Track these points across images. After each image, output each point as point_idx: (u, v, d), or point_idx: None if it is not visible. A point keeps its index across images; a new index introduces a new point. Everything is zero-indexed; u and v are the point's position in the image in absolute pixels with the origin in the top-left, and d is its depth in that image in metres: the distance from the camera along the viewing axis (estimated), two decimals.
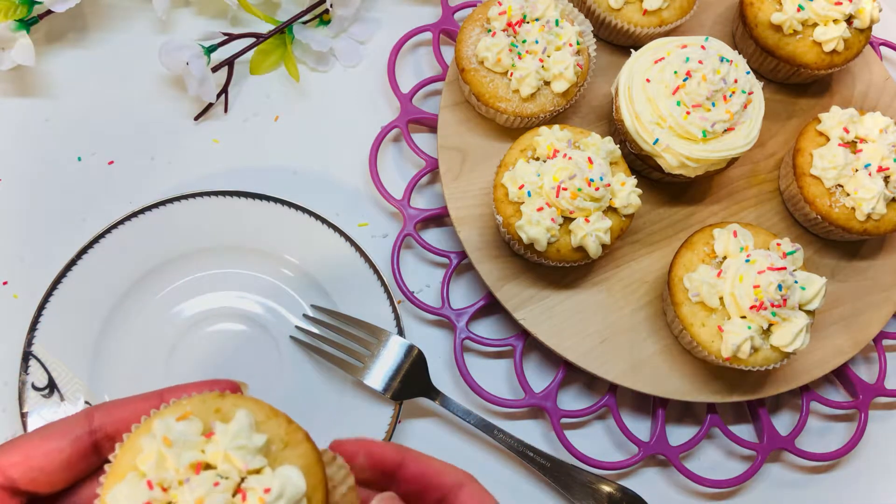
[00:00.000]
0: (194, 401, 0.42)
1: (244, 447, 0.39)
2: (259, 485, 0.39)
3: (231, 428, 0.40)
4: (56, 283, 0.71)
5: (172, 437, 0.39)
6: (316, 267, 0.75)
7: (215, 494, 0.38)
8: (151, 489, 0.38)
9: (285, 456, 0.41)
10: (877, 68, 0.89)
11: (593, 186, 0.68)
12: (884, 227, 0.76)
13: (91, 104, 0.83)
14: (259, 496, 0.38)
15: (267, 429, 0.41)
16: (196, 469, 0.39)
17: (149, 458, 0.39)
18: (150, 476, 0.39)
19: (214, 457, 0.39)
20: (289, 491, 0.39)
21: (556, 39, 0.76)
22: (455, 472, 0.44)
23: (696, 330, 0.70)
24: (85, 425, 0.42)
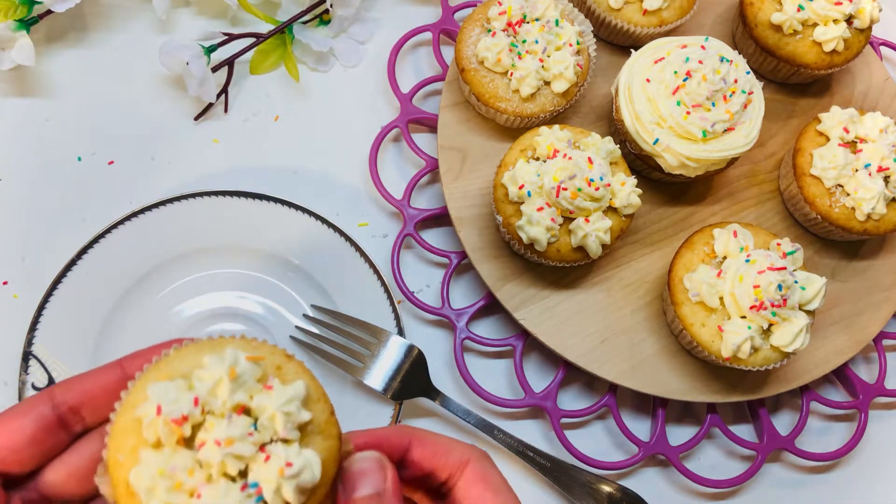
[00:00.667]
0: (264, 349, 0.43)
1: (291, 415, 0.40)
2: (284, 455, 0.39)
3: (288, 392, 0.40)
4: (56, 283, 0.71)
5: (238, 371, 0.40)
6: (316, 267, 0.75)
7: (245, 443, 0.39)
8: (196, 405, 0.39)
9: (315, 442, 0.41)
10: (877, 68, 0.89)
11: (593, 186, 0.68)
12: (884, 227, 0.76)
13: (91, 104, 0.83)
14: (280, 466, 0.39)
15: (313, 409, 0.41)
16: (238, 410, 0.40)
17: (207, 378, 0.40)
18: (199, 394, 0.39)
19: (260, 409, 0.40)
20: (305, 475, 0.39)
21: (556, 39, 0.76)
22: (461, 449, 0.43)
23: (696, 330, 0.70)
24: (47, 402, 0.42)
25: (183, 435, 0.40)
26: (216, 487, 0.39)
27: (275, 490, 0.39)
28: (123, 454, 0.40)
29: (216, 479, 0.40)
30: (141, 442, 0.40)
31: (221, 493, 0.39)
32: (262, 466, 0.39)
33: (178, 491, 0.39)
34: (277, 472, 0.39)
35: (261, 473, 0.39)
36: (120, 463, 0.40)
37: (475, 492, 0.42)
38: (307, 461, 0.40)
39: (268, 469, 0.39)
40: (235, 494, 0.39)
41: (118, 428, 0.41)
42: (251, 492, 0.39)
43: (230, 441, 0.39)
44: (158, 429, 0.40)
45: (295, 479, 0.39)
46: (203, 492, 0.39)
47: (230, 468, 0.40)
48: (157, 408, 0.39)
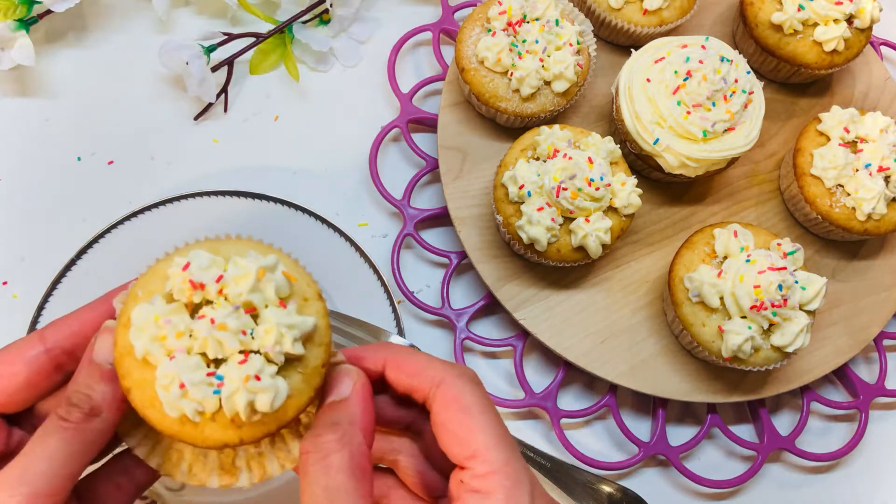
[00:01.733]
0: (305, 279, 0.45)
1: (283, 338, 0.41)
2: (258, 368, 0.41)
3: (295, 319, 0.42)
4: (56, 283, 0.71)
5: (266, 276, 0.43)
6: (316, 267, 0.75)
7: (234, 337, 0.41)
8: (217, 282, 0.42)
9: (293, 377, 0.43)
10: (877, 68, 0.89)
11: (593, 186, 0.68)
12: (884, 227, 0.76)
13: (91, 104, 0.83)
14: (248, 374, 0.41)
15: (310, 351, 0.43)
16: (248, 309, 0.42)
17: (240, 266, 0.42)
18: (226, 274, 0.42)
19: (265, 319, 0.42)
20: (264, 397, 0.41)
21: (557, 39, 0.76)
22: (435, 369, 0.43)
23: (696, 330, 0.70)
24: (38, 346, 0.43)
25: (193, 301, 0.42)
26: (189, 359, 0.41)
27: (231, 393, 0.41)
28: (142, 291, 0.43)
29: (193, 353, 0.42)
30: (161, 289, 0.43)
31: (190, 367, 0.41)
32: (235, 367, 0.41)
33: (159, 343, 0.41)
34: (242, 378, 0.41)
35: (230, 371, 0.41)
36: (136, 297, 0.43)
37: (447, 414, 0.41)
38: (274, 387, 0.41)
39: (237, 371, 0.41)
40: (200, 375, 0.41)
41: (153, 270, 0.44)
42: (213, 381, 0.41)
43: (222, 326, 0.41)
44: (176, 283, 0.42)
45: (253, 394, 0.41)
46: (177, 356, 0.41)
47: (209, 350, 0.41)
48: (185, 265, 0.42)
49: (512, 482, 0.40)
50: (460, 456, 0.41)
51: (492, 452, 0.40)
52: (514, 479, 0.40)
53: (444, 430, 0.42)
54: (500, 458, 0.40)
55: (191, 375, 0.41)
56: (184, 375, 0.41)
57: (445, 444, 0.42)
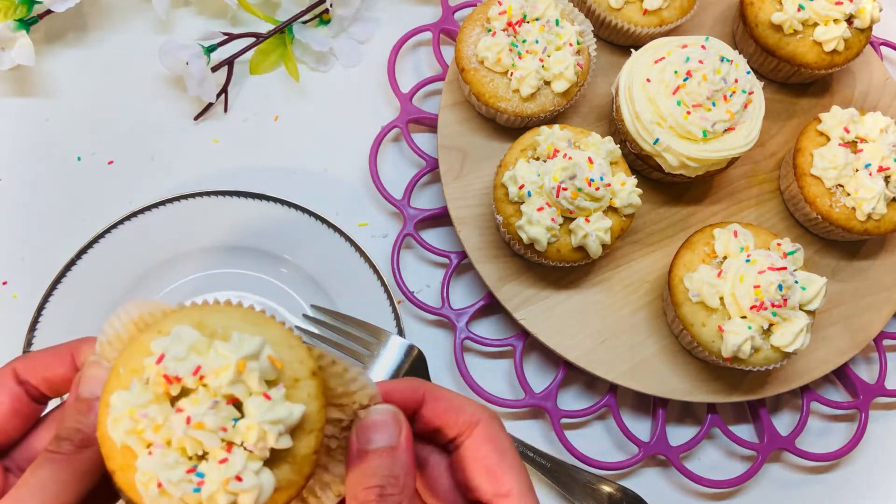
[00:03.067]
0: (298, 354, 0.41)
1: (266, 435, 0.38)
2: (240, 467, 0.38)
3: (279, 412, 0.39)
4: (56, 283, 0.71)
5: (248, 367, 0.39)
6: (316, 267, 0.75)
7: (213, 435, 0.38)
8: (195, 374, 0.38)
9: (282, 469, 0.40)
10: (877, 68, 0.89)
11: (593, 186, 0.68)
12: (884, 227, 0.76)
13: (91, 104, 0.83)
14: (228, 476, 0.38)
15: (301, 440, 0.40)
16: (230, 400, 0.39)
17: (221, 355, 0.39)
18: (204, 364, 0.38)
19: (247, 412, 0.39)
20: (247, 497, 0.38)
21: (557, 39, 0.76)
22: (472, 409, 0.43)
23: (696, 330, 0.70)
24: (11, 377, 0.43)
25: (167, 391, 0.39)
26: (167, 455, 0.38)
27: (211, 494, 0.38)
28: (124, 369, 0.40)
29: (173, 448, 0.39)
30: (141, 369, 0.40)
31: (167, 464, 0.38)
32: (215, 466, 0.38)
33: (137, 437, 0.39)
34: (222, 481, 0.38)
35: (210, 470, 0.38)
36: (118, 374, 0.40)
37: (483, 451, 0.42)
38: (258, 486, 0.38)
39: (218, 470, 0.38)
40: (179, 472, 0.38)
41: (137, 342, 0.41)
42: (193, 479, 0.38)
43: (199, 425, 0.38)
44: (150, 375, 0.39)
45: (234, 494, 0.38)
46: (155, 452, 0.38)
47: (188, 448, 0.39)
48: (160, 356, 0.38)
49: None
50: (492, 492, 0.42)
51: (525, 497, 0.41)
52: None
53: (480, 466, 0.42)
54: (529, 500, 0.41)
55: (169, 474, 0.38)
56: (161, 474, 0.38)
57: (477, 478, 0.42)
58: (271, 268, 0.76)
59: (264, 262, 0.76)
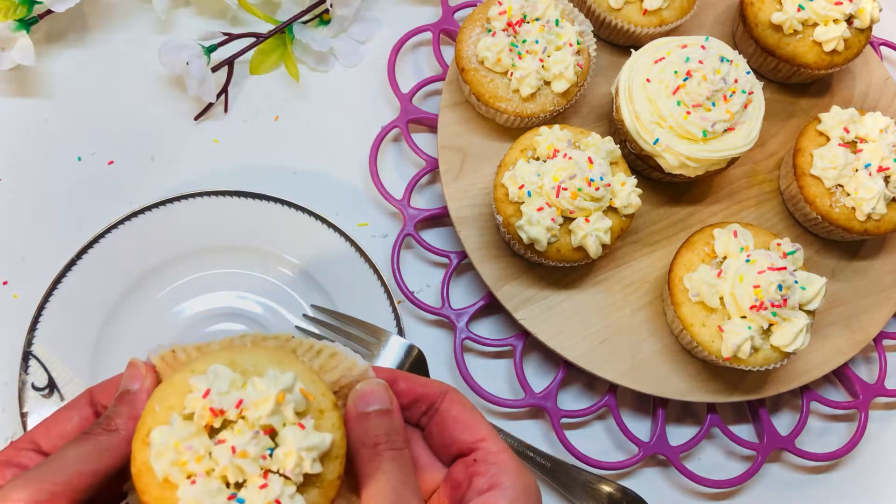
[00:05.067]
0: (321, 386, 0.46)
1: (303, 461, 0.43)
2: (278, 492, 0.42)
3: (313, 440, 0.43)
4: (56, 283, 0.71)
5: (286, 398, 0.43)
6: (316, 267, 0.75)
7: (254, 463, 0.42)
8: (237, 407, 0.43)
9: (312, 494, 0.44)
10: (877, 68, 0.89)
11: (593, 186, 0.68)
12: (884, 227, 0.76)
13: (91, 104, 0.83)
14: (269, 500, 0.42)
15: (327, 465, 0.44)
16: (266, 430, 0.43)
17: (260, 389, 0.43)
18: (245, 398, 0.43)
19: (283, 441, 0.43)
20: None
21: (557, 39, 0.76)
22: (439, 384, 0.51)
23: (696, 330, 0.70)
24: (88, 401, 0.48)
25: (212, 423, 0.43)
26: (210, 483, 0.42)
27: None
28: (160, 406, 0.44)
29: (215, 477, 0.42)
30: (179, 405, 0.44)
31: (211, 492, 0.42)
32: (256, 491, 0.42)
33: (180, 468, 0.42)
34: (265, 503, 0.42)
35: (251, 496, 0.42)
36: (154, 412, 0.44)
37: (455, 411, 0.50)
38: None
39: (258, 496, 0.42)
40: (221, 500, 0.42)
41: (171, 382, 0.45)
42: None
43: (243, 454, 0.42)
44: (197, 409, 0.43)
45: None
46: (198, 482, 0.42)
47: (230, 475, 0.42)
48: (206, 392, 0.42)
49: (515, 461, 0.48)
50: (470, 440, 0.49)
51: (495, 438, 0.49)
52: (515, 459, 0.48)
53: (455, 421, 0.50)
54: (502, 444, 0.49)
55: (211, 501, 0.42)
56: (205, 501, 0.42)
57: (456, 433, 0.50)
58: (271, 268, 0.76)
59: (264, 262, 0.76)
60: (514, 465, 0.48)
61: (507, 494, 0.47)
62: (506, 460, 0.48)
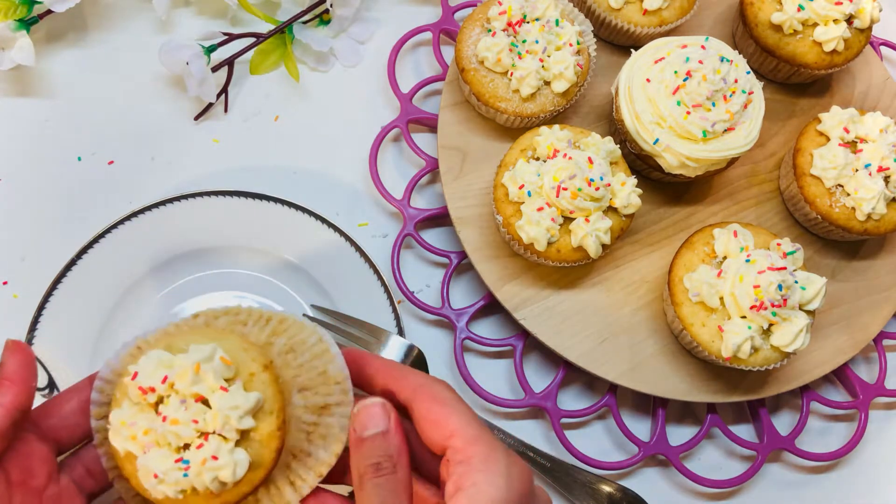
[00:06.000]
0: (251, 352, 0.51)
1: (229, 419, 0.48)
2: (214, 449, 0.48)
3: (238, 399, 0.49)
4: (56, 283, 0.71)
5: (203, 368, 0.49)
6: (316, 267, 0.75)
7: (188, 427, 0.48)
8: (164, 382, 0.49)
9: (252, 447, 0.49)
10: (877, 68, 0.89)
11: (593, 186, 0.68)
12: (884, 227, 0.76)
13: (91, 104, 0.83)
14: (205, 457, 0.48)
15: (262, 420, 0.50)
16: (197, 398, 0.49)
17: (179, 364, 0.49)
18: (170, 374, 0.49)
19: (213, 404, 0.48)
20: (226, 471, 0.48)
21: (556, 39, 0.76)
22: (415, 376, 0.50)
23: (696, 330, 0.70)
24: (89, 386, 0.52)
25: (147, 401, 0.50)
26: (158, 452, 0.49)
27: (196, 474, 0.49)
28: (119, 394, 0.51)
29: (161, 445, 0.49)
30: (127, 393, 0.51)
31: (160, 457, 0.49)
32: (196, 451, 0.49)
33: (133, 442, 0.50)
34: (201, 461, 0.48)
35: (194, 455, 0.49)
36: (115, 399, 0.51)
37: (425, 407, 0.48)
38: (234, 460, 0.48)
39: (198, 454, 0.49)
40: (168, 463, 0.49)
41: (124, 373, 0.51)
42: (181, 466, 0.49)
43: (174, 421, 0.49)
44: (130, 390, 0.50)
45: (215, 471, 0.48)
46: (149, 451, 0.49)
47: (172, 441, 0.49)
48: (134, 374, 0.49)
49: (488, 448, 0.46)
50: (440, 438, 0.47)
51: (466, 429, 0.47)
52: (489, 446, 0.46)
53: (425, 421, 0.48)
54: (473, 433, 0.47)
55: (161, 466, 0.49)
56: (155, 467, 0.49)
57: (426, 433, 0.48)
58: (272, 268, 0.76)
59: (264, 262, 0.76)
60: (484, 459, 0.45)
61: (471, 497, 0.44)
62: (473, 455, 0.46)
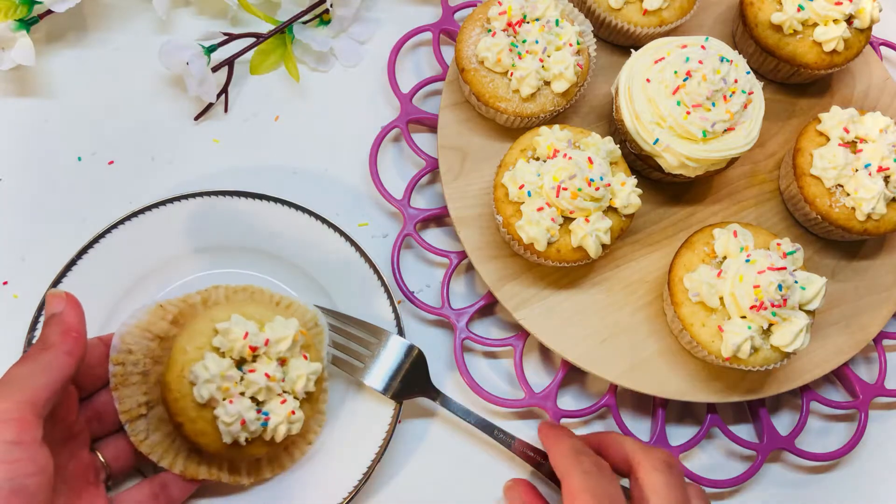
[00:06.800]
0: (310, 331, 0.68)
1: (309, 381, 0.63)
2: (294, 406, 0.62)
3: (313, 367, 0.64)
4: (56, 283, 0.71)
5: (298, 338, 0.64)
6: (316, 267, 0.75)
7: (278, 385, 0.62)
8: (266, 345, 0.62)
9: (305, 406, 0.65)
10: (877, 68, 0.89)
11: (593, 186, 0.68)
12: (884, 227, 0.76)
13: (91, 104, 0.83)
14: (288, 411, 0.62)
15: (316, 385, 0.66)
16: (281, 361, 0.63)
17: (279, 329, 0.63)
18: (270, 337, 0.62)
19: (294, 368, 0.63)
20: (296, 425, 0.63)
21: (556, 39, 0.76)
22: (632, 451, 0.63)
23: (696, 330, 0.70)
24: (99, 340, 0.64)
25: (241, 355, 0.61)
26: (243, 402, 0.60)
27: (276, 424, 0.61)
28: (191, 347, 0.61)
29: (245, 397, 0.60)
30: (208, 346, 0.61)
31: (245, 407, 0.60)
32: (279, 406, 0.61)
33: (223, 392, 0.60)
34: (286, 414, 0.61)
35: (275, 409, 0.61)
36: (185, 351, 0.61)
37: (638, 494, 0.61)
38: (302, 417, 0.63)
39: (281, 408, 0.61)
40: (252, 413, 0.60)
41: (194, 327, 0.62)
42: (262, 417, 0.61)
43: (273, 378, 0.60)
44: (236, 347, 0.60)
45: (292, 424, 0.62)
46: (234, 401, 0.60)
47: (261, 395, 0.61)
48: (245, 333, 0.60)
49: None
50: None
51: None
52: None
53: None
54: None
55: (248, 414, 0.60)
56: (245, 414, 0.60)
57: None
58: (271, 268, 0.76)
59: (264, 262, 0.76)
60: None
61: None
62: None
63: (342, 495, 0.68)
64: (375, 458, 0.69)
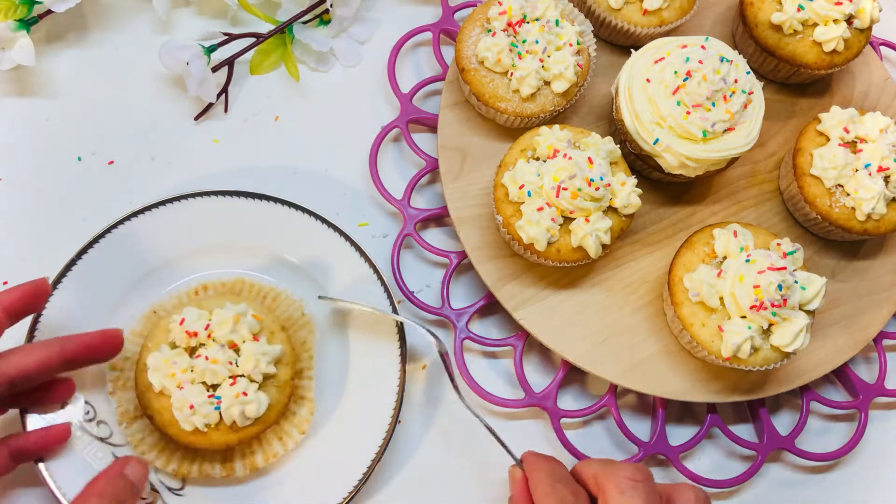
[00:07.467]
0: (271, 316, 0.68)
1: (259, 363, 0.63)
2: (244, 387, 0.62)
3: (266, 348, 0.64)
4: (56, 283, 0.71)
5: (241, 320, 0.64)
6: (316, 267, 0.75)
7: (223, 367, 0.62)
8: (206, 329, 0.63)
9: (271, 391, 0.65)
10: (877, 68, 0.89)
11: (593, 186, 0.68)
12: (884, 227, 0.76)
13: (91, 104, 0.83)
14: (237, 392, 0.61)
15: (281, 369, 0.65)
16: (231, 345, 0.63)
17: (221, 315, 0.64)
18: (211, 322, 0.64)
19: (245, 351, 0.63)
20: (252, 406, 0.62)
21: (556, 39, 0.76)
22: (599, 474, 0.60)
23: (695, 330, 0.70)
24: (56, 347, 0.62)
25: (190, 346, 0.63)
26: (194, 388, 0.61)
27: (227, 406, 0.61)
28: (152, 343, 0.64)
29: (196, 383, 0.62)
30: (165, 339, 0.64)
31: (195, 393, 0.61)
32: (228, 388, 0.61)
33: (171, 378, 0.62)
34: (234, 395, 0.61)
35: (225, 391, 0.62)
36: (147, 347, 0.64)
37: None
38: (258, 398, 0.62)
39: (230, 390, 0.61)
40: (203, 398, 0.61)
41: (158, 326, 0.65)
42: (213, 401, 0.61)
43: (214, 360, 0.61)
44: (177, 334, 0.63)
45: (243, 405, 0.61)
46: (185, 386, 0.62)
47: (208, 379, 0.62)
48: (181, 320, 0.63)
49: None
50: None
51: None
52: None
53: None
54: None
55: (197, 399, 0.61)
56: (192, 399, 0.61)
57: None
58: (271, 268, 0.76)
59: (264, 262, 0.76)
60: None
61: None
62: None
63: (342, 495, 0.68)
64: (376, 457, 0.69)
